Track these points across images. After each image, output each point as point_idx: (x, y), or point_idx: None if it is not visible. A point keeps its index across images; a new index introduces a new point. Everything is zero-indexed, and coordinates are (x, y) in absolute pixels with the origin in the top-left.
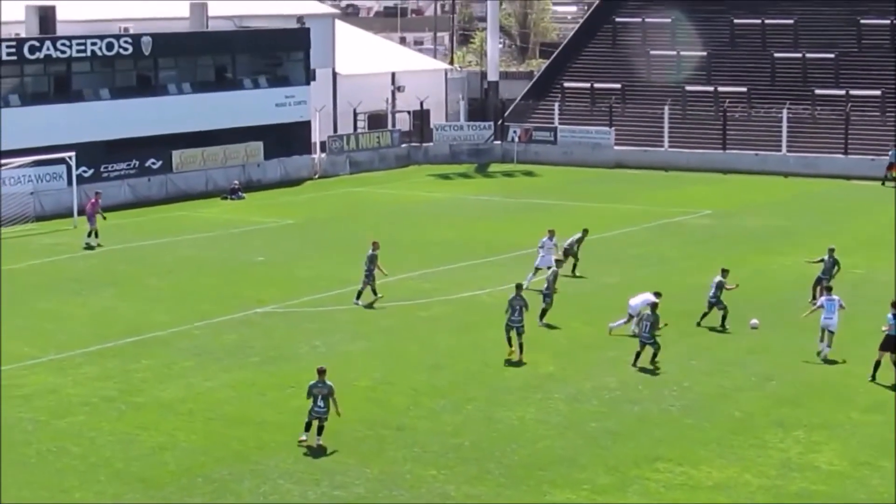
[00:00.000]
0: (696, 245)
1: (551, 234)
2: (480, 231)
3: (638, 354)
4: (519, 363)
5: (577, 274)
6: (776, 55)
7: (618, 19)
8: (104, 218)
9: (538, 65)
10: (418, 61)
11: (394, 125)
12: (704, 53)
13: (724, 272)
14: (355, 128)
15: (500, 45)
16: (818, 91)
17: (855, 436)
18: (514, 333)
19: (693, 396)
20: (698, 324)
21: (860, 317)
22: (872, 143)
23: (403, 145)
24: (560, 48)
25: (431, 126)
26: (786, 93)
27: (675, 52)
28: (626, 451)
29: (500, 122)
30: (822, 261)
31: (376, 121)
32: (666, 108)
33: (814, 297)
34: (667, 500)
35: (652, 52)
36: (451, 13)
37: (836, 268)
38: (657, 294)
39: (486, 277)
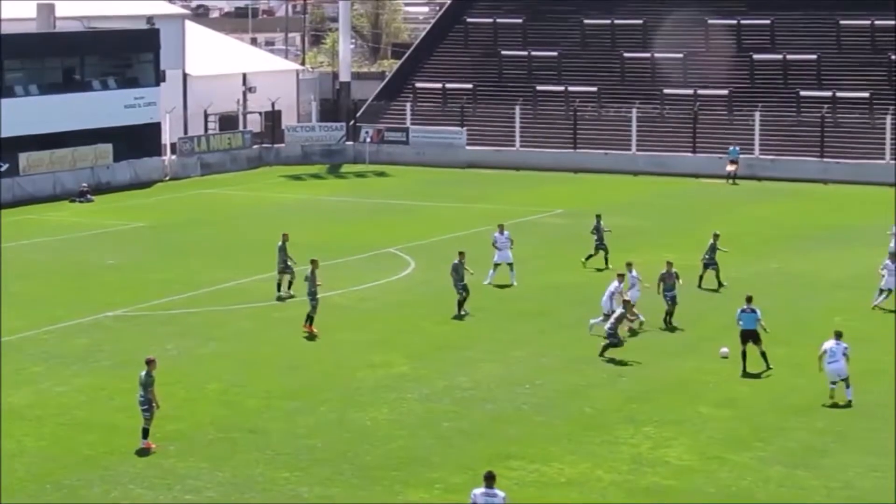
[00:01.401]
0: (550, 245)
1: (501, 228)
2: (333, 232)
3: (606, 346)
4: (313, 336)
5: (610, 266)
6: (626, 55)
7: (469, 20)
8: None
9: (390, 65)
10: (270, 62)
11: (245, 126)
12: (555, 53)
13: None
14: (206, 129)
15: (352, 46)
16: (667, 91)
17: (704, 431)
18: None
19: (545, 394)
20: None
21: (709, 314)
22: (720, 142)
23: (255, 146)
24: (412, 49)
25: (283, 127)
26: (635, 92)
27: (526, 53)
28: (479, 449)
29: (352, 122)
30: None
31: (227, 122)
32: (517, 107)
33: (700, 285)
34: (520, 497)
35: (503, 53)
36: (303, 14)
37: (713, 252)
38: (628, 265)
39: (339, 278)
